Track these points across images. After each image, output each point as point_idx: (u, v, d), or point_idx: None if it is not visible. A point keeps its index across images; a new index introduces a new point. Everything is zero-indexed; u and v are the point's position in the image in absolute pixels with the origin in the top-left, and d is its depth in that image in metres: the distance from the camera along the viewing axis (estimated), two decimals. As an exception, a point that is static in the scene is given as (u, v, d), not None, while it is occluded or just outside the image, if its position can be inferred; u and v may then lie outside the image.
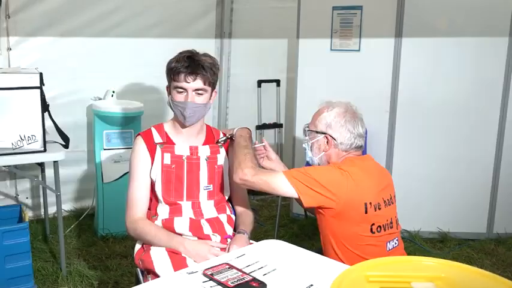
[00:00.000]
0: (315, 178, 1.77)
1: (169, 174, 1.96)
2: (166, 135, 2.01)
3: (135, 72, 3.72)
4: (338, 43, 3.40)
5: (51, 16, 3.39)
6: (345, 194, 1.77)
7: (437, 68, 3.31)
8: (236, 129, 2.06)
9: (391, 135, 3.32)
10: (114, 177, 3.31)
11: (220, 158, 2.05)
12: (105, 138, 3.33)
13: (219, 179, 2.04)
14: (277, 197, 3.98)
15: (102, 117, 3.30)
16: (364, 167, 1.86)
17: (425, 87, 3.33)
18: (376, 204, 1.82)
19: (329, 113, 1.92)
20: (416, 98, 3.34)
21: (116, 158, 3.34)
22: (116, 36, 3.63)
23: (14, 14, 3.26)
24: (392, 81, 3.26)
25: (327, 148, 1.93)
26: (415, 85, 3.32)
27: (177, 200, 1.96)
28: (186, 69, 1.88)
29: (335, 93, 3.37)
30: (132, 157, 2.01)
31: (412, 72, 3.28)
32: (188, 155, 1.99)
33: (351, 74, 3.38)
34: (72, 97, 3.53)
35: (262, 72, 4.31)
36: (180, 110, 1.93)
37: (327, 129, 1.91)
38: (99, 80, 3.56)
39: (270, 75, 4.33)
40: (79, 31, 3.49)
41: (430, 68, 3.32)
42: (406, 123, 3.32)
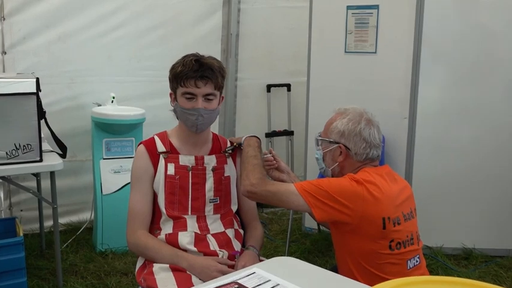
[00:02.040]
0: (328, 191, 1.77)
1: (173, 185, 1.97)
2: (170, 144, 2.02)
3: (136, 76, 3.74)
4: (353, 45, 3.40)
5: (48, 18, 3.43)
6: (360, 208, 1.76)
7: (460, 71, 3.30)
8: (244, 138, 2.06)
9: (411, 143, 3.31)
10: (114, 189, 3.32)
11: (227, 169, 2.06)
12: (105, 147, 3.34)
13: (226, 191, 2.04)
14: (288, 210, 3.97)
15: (102, 125, 3.32)
16: (382, 179, 1.85)
17: (448, 91, 3.32)
18: (395, 218, 1.81)
19: (342, 120, 1.91)
20: (438, 103, 3.33)
21: (116, 168, 3.35)
22: (116, 38, 3.65)
23: (9, 16, 3.30)
24: (412, 85, 3.25)
25: (340, 159, 1.92)
26: (436, 89, 3.31)
27: (182, 213, 1.96)
28: (196, 73, 1.88)
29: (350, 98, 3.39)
30: (133, 167, 2.02)
31: (433, 76, 3.27)
32: (193, 165, 2.00)
33: (367, 78, 3.38)
34: (70, 103, 3.55)
35: (271, 76, 4.31)
36: (190, 117, 1.93)
37: (341, 138, 1.91)
38: (98, 85, 3.59)
39: (280, 79, 4.34)
40: (77, 33, 3.52)
41: (453, 71, 3.31)
42: (427, 130, 3.31)
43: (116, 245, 3.29)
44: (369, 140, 1.89)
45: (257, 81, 4.29)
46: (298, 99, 4.15)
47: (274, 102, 4.31)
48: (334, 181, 1.84)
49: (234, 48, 4.16)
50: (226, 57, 4.13)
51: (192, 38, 3.90)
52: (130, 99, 3.65)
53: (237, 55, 4.19)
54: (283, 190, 1.81)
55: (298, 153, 4.31)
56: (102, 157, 3.35)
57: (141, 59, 3.76)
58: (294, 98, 4.34)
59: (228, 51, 4.15)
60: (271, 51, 4.28)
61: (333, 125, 1.93)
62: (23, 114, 2.54)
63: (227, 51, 4.15)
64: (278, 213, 4.17)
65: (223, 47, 4.14)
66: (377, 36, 3.32)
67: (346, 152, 1.91)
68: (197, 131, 1.96)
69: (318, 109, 3.52)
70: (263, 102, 4.30)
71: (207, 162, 2.02)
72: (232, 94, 4.23)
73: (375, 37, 3.32)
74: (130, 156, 3.34)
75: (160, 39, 3.82)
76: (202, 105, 1.91)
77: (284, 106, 4.38)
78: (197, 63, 1.90)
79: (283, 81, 4.33)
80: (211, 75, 1.90)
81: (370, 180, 1.82)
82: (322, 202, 1.77)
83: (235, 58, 4.19)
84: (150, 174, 1.98)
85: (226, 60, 4.10)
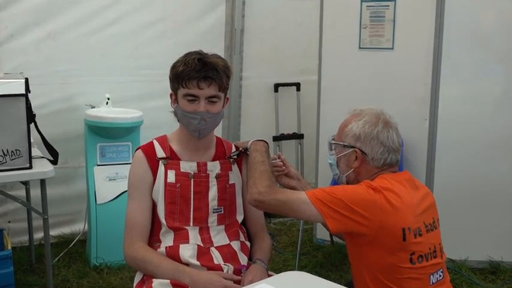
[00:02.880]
0: (343, 199, 1.77)
1: (174, 194, 1.97)
2: (170, 149, 2.02)
3: (133, 76, 3.75)
4: (368, 40, 3.40)
5: (37, 14, 3.44)
6: (378, 218, 1.76)
7: (486, 67, 3.29)
8: (251, 142, 2.06)
9: (432, 147, 3.30)
10: (109, 198, 3.33)
11: (232, 176, 2.06)
12: (99, 153, 3.35)
13: (231, 200, 2.04)
14: (298, 220, 3.96)
15: (96, 128, 3.32)
16: (401, 186, 1.85)
17: (472, 88, 3.31)
18: (416, 229, 1.80)
19: (358, 123, 1.91)
20: (461, 102, 3.32)
21: (111, 176, 3.35)
22: (111, 35, 3.66)
23: (-5, 12, 3.33)
24: (432, 83, 3.24)
25: (356, 164, 1.92)
26: (459, 88, 3.30)
27: (183, 224, 1.96)
28: (199, 74, 1.88)
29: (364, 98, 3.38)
30: (130, 174, 2.02)
31: (455, 73, 3.26)
32: (195, 173, 2.00)
33: (384, 76, 3.37)
34: (61, 105, 3.56)
35: (279, 74, 4.31)
36: (192, 121, 1.93)
37: (356, 142, 1.91)
38: (92, 86, 3.59)
39: (289, 78, 4.34)
40: (69, 30, 3.53)
41: (477, 68, 3.30)
42: (449, 132, 3.30)
43: (112, 258, 3.29)
44: (387, 144, 1.89)
45: (264, 81, 4.29)
46: (309, 100, 4.14)
47: (282, 103, 4.31)
48: (350, 189, 1.83)
49: (238, 44, 4.16)
50: (230, 55, 4.13)
51: (194, 34, 3.91)
52: (127, 101, 3.65)
53: (241, 52, 4.19)
54: (294, 199, 1.81)
55: (308, 158, 4.30)
56: (96, 163, 3.35)
57: (138, 57, 3.76)
58: (304, 98, 4.33)
59: (232, 48, 4.15)
60: (279, 48, 4.27)
61: (347, 128, 1.93)
62: (11, 118, 2.54)
63: (231, 48, 4.15)
64: (287, 224, 4.16)
65: (226, 44, 4.14)
66: (394, 31, 3.32)
67: (362, 157, 1.91)
68: (199, 136, 1.96)
69: (330, 110, 3.51)
70: (270, 103, 4.30)
71: (211, 169, 2.02)
72: (237, 94, 4.23)
73: (391, 32, 3.32)
74: (126, 162, 3.34)
75: (159, 36, 3.83)
76: (205, 108, 1.91)
77: (293, 107, 4.38)
78: (200, 63, 1.89)
79: (292, 80, 4.33)
80: (216, 76, 1.89)
81: (389, 188, 1.81)
82: (336, 212, 1.76)
83: (240, 55, 4.18)
84: (148, 182, 1.99)
85: (230, 57, 4.10)
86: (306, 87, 4.31)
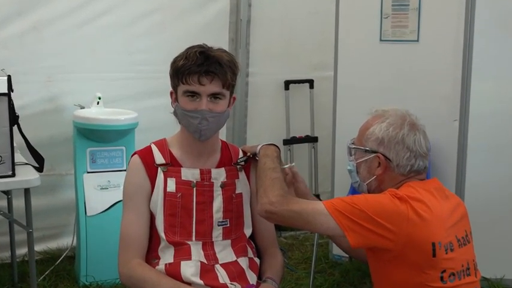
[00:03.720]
0: (365, 210, 1.77)
1: (174, 205, 1.97)
2: (170, 154, 2.03)
3: (127, 72, 3.76)
4: (390, 32, 3.39)
5: (20, 3, 3.45)
6: (405, 231, 1.76)
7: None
8: (260, 147, 2.06)
9: (462, 151, 3.29)
10: (100, 209, 3.33)
11: (239, 184, 2.06)
12: (89, 158, 3.36)
13: (238, 212, 2.04)
14: (311, 234, 3.96)
15: (85, 131, 3.33)
16: (430, 195, 1.85)
17: (508, 85, 3.29)
18: (447, 244, 1.80)
19: (381, 125, 1.91)
20: (496, 100, 3.30)
21: (103, 184, 3.36)
22: (103, 27, 3.67)
23: (-27, 2, 3.35)
24: (463, 80, 3.23)
25: (379, 171, 1.92)
26: (494, 83, 3.29)
27: (184, 239, 1.97)
28: (200, 68, 1.89)
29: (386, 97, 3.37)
30: (126, 183, 2.03)
31: (489, 69, 3.25)
32: (198, 181, 2.00)
33: (407, 72, 3.37)
34: (48, 106, 3.57)
35: (290, 70, 4.31)
36: (192, 121, 1.94)
37: (379, 146, 1.91)
38: (81, 84, 3.60)
39: (301, 74, 4.33)
40: (56, 21, 3.54)
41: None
42: (482, 134, 3.29)
43: (103, 277, 3.29)
44: (414, 149, 1.89)
45: (273, 77, 4.29)
46: (323, 98, 4.14)
47: (293, 102, 4.30)
48: (372, 198, 1.83)
49: (244, 37, 4.16)
50: (235, 48, 4.13)
51: (194, 25, 3.91)
52: (120, 100, 3.66)
53: (248, 45, 4.19)
54: (310, 209, 1.81)
55: (323, 164, 4.30)
56: (86, 170, 3.36)
57: (133, 52, 3.77)
58: (318, 96, 4.33)
59: (237, 41, 4.16)
60: (290, 41, 4.27)
61: (369, 131, 1.93)
62: (-8, 120, 2.56)
63: (236, 41, 4.15)
64: (300, 238, 4.15)
65: (231, 36, 4.14)
66: (419, 21, 3.31)
67: (385, 163, 1.91)
68: (201, 137, 1.96)
69: (348, 110, 3.50)
70: (280, 102, 4.29)
71: (215, 177, 2.03)
72: (243, 93, 4.23)
73: (416, 22, 3.32)
74: (120, 169, 3.35)
75: (156, 28, 3.83)
76: (207, 107, 1.92)
77: (306, 107, 4.37)
78: (202, 56, 1.91)
79: (304, 77, 4.33)
80: (219, 71, 1.90)
81: (416, 197, 1.81)
82: (357, 224, 1.76)
83: (246, 49, 4.19)
84: (146, 192, 1.99)
85: (235, 51, 4.10)
86: (320, 84, 4.31)
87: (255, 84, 4.29)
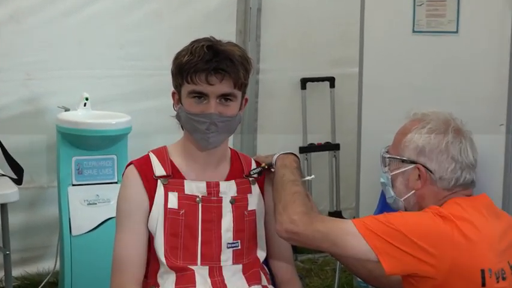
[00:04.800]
0: (402, 231, 1.76)
1: (177, 224, 1.97)
2: (171, 164, 2.03)
3: (118, 69, 3.78)
4: (424, 21, 3.38)
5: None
6: (449, 256, 1.75)
7: None
8: (276, 156, 2.06)
9: (510, 161, 3.27)
10: (88, 228, 3.33)
11: (252, 200, 2.06)
12: (75, 169, 3.36)
13: (250, 232, 2.04)
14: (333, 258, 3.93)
15: (71, 137, 3.33)
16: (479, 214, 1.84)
17: None
18: (498, 271, 1.79)
19: (421, 131, 1.91)
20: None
21: (90, 199, 3.36)
22: (90, 17, 3.69)
23: None
24: (510, 78, 3.22)
25: (418, 185, 1.92)
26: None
27: (188, 263, 1.97)
28: (208, 65, 1.88)
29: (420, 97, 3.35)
30: (120, 197, 2.03)
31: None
32: (204, 195, 2.00)
33: (445, 69, 3.34)
34: (27, 108, 3.60)
35: (307, 66, 4.33)
36: (198, 126, 1.93)
37: (419, 156, 1.91)
38: (66, 82, 3.63)
39: (320, 71, 4.35)
40: (37, 11, 3.56)
41: None
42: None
43: (91, 306, 3.30)
44: (460, 159, 1.89)
45: (287, 74, 4.31)
46: (347, 99, 4.14)
47: (311, 104, 4.31)
48: (411, 217, 1.83)
49: (254, 28, 4.18)
50: (243, 41, 4.15)
51: (196, 14, 3.94)
52: (111, 101, 3.69)
53: (258, 38, 4.21)
54: (338, 230, 1.81)
55: (346, 175, 4.29)
56: (71, 183, 3.36)
57: (126, 45, 3.79)
58: (340, 97, 4.34)
59: (246, 33, 4.18)
60: (308, 32, 4.29)
61: (407, 138, 1.93)
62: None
63: (245, 33, 4.18)
64: (319, 262, 4.15)
65: (239, 27, 4.17)
66: (459, 9, 3.30)
67: (426, 175, 1.90)
68: (209, 145, 1.96)
69: (375, 113, 3.48)
70: (296, 104, 4.30)
71: (224, 191, 2.02)
72: (253, 93, 4.22)
73: (455, 10, 3.31)
74: (110, 181, 3.36)
75: (152, 17, 3.86)
76: (216, 110, 1.92)
77: (326, 109, 4.38)
78: (210, 51, 1.90)
79: (324, 74, 4.34)
80: (230, 68, 1.90)
81: (463, 216, 1.80)
82: (393, 247, 1.75)
83: (257, 42, 4.21)
84: (143, 208, 1.99)
85: (243, 45, 4.11)
86: (342, 82, 4.32)
87: (267, 83, 4.30)
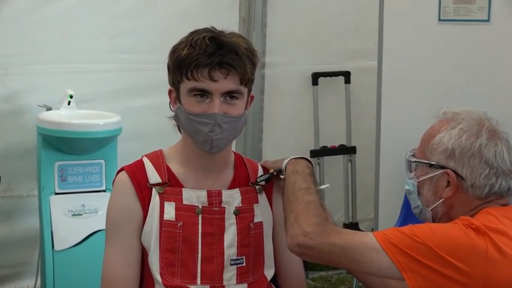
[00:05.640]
0: (429, 244, 1.75)
1: (174, 238, 1.97)
2: (168, 171, 2.02)
3: (106, 63, 3.79)
4: (451, 9, 3.39)
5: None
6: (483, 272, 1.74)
7: None
8: (287, 161, 2.06)
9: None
10: (72, 242, 3.33)
11: (259, 211, 2.06)
12: (58, 175, 3.37)
13: (257, 247, 2.04)
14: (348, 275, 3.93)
15: (53, 140, 3.34)
16: (516, 226, 1.84)
17: None
18: (539, 291, 1.79)
19: (451, 132, 1.90)
20: None
21: (75, 209, 3.36)
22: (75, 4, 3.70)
23: None
24: (550, 72, 3.23)
25: (448, 193, 1.91)
26: None
27: (187, 282, 1.97)
28: (211, 59, 1.88)
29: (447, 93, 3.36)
30: (110, 208, 2.03)
31: None
32: (205, 206, 2.00)
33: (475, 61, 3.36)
34: (4, 106, 3.61)
35: (319, 59, 4.33)
36: (201, 128, 1.92)
37: (448, 160, 1.90)
38: (47, 78, 3.63)
39: (334, 64, 4.35)
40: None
41: None
42: None
43: (76, 330, 3.30)
44: (495, 164, 1.87)
45: (297, 69, 4.31)
46: (364, 96, 4.16)
47: (324, 101, 4.31)
48: (439, 229, 1.81)
49: (259, 16, 4.19)
50: (247, 31, 4.16)
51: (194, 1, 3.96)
52: (98, 99, 3.70)
53: (264, 27, 4.22)
54: (357, 243, 1.80)
55: (363, 182, 4.31)
56: (53, 191, 3.37)
57: (115, 36, 3.80)
58: (357, 94, 4.35)
59: (250, 22, 4.18)
60: (320, 21, 4.29)
61: (435, 140, 1.92)
62: None
63: (249, 22, 4.18)
64: (332, 280, 4.15)
65: (242, 15, 4.17)
66: (491, -5, 3.31)
67: (457, 182, 1.89)
68: (212, 150, 1.95)
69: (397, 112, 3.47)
70: (306, 102, 4.31)
71: (227, 201, 2.02)
72: (258, 89, 4.21)
73: (487, -4, 3.32)
74: (98, 189, 3.38)
75: (144, 5, 3.87)
76: (221, 109, 1.91)
77: (340, 107, 4.38)
78: (213, 43, 1.90)
79: (338, 68, 4.35)
80: (236, 62, 1.89)
81: (498, 228, 1.79)
82: (419, 263, 1.75)
83: (262, 32, 4.21)
84: (136, 220, 1.99)
85: (247, 35, 4.11)
86: (359, 77, 4.33)
87: (274, 78, 4.31)
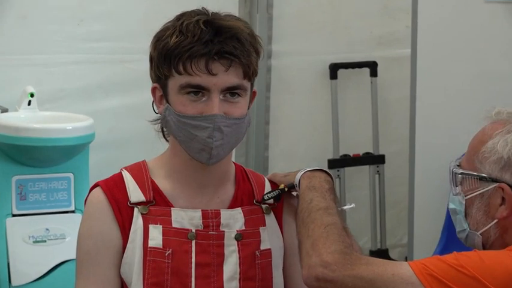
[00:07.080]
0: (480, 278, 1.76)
1: (161, 269, 1.97)
2: (153, 186, 2.02)
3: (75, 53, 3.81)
4: (501, -13, 3.43)
5: None
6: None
7: None
8: (300, 174, 2.06)
9: None
10: (34, 275, 3.35)
11: (266, 235, 2.05)
12: (16, 193, 3.38)
13: (264, 279, 2.04)
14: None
15: (9, 149, 3.36)
16: None
17: None
18: None
19: (506, 137, 1.90)
20: None
21: (38, 234, 3.38)
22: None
23: None
24: None
25: (502, 212, 1.91)
26: None
27: (176, 323, 1.98)
28: (208, 48, 1.88)
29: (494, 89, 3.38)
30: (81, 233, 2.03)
31: None
32: (200, 229, 1.99)
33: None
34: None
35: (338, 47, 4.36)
36: (197, 134, 1.91)
37: (503, 172, 1.90)
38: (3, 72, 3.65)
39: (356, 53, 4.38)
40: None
41: None
42: None
43: None
44: None
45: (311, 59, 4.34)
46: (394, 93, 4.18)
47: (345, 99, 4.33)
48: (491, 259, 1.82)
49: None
50: (249, 13, 4.20)
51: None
52: (65, 99, 3.72)
53: (270, 8, 4.25)
54: (389, 276, 1.81)
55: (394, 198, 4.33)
56: (10, 212, 3.38)
57: (85, 20, 3.81)
58: (385, 89, 4.37)
59: (252, 3, 4.21)
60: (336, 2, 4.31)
61: (486, 147, 1.92)
62: None
63: (251, 3, 4.21)
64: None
65: (242, -4, 4.21)
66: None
67: (514, 198, 1.91)
68: (211, 160, 1.94)
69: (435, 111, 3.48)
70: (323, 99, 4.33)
71: (227, 223, 2.02)
72: (263, 85, 4.24)
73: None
74: (65, 209, 3.40)
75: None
76: (221, 110, 1.90)
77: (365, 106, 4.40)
78: (209, 28, 1.89)
79: (361, 58, 4.38)
80: (240, 51, 1.89)
81: None
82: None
83: (268, 14, 4.25)
84: (114, 248, 1.99)
85: (249, 18, 4.16)
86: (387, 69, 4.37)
87: (282, 71, 4.33)
